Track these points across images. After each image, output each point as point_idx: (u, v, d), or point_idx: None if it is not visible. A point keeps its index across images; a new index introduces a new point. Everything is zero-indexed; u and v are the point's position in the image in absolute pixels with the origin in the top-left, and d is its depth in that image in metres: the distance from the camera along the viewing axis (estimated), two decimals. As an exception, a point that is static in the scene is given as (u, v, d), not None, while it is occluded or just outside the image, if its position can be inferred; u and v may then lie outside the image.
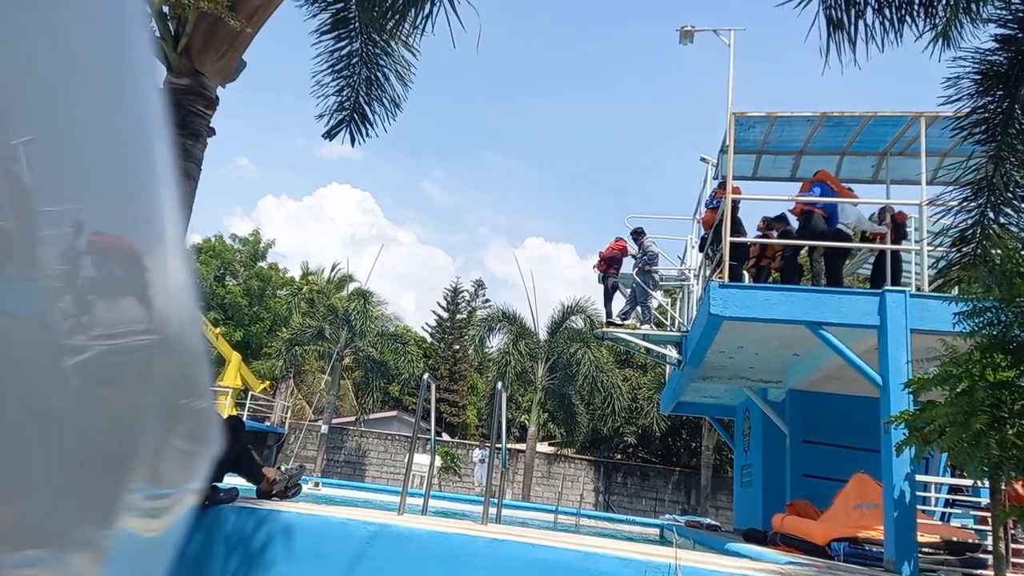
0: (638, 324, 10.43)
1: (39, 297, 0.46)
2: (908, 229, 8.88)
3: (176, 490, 0.73)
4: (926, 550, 6.11)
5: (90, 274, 0.52)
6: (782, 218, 9.42)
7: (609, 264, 11.26)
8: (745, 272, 9.27)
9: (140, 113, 0.61)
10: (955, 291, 6.48)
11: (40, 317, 0.46)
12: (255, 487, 4.97)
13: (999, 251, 5.17)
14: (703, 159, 10.78)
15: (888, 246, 8.43)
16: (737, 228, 8.54)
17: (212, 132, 4.89)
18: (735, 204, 8.47)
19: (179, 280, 0.67)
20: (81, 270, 0.51)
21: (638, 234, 10.79)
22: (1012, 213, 5.16)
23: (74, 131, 0.51)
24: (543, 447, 27.23)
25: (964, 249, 5.23)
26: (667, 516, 16.22)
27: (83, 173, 0.52)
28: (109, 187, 0.56)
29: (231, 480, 4.62)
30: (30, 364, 0.45)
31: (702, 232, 10.07)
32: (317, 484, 13.37)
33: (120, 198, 0.58)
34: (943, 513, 8.19)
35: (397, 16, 5.44)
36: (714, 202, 9.32)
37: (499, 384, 6.29)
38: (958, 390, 4.69)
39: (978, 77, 4.82)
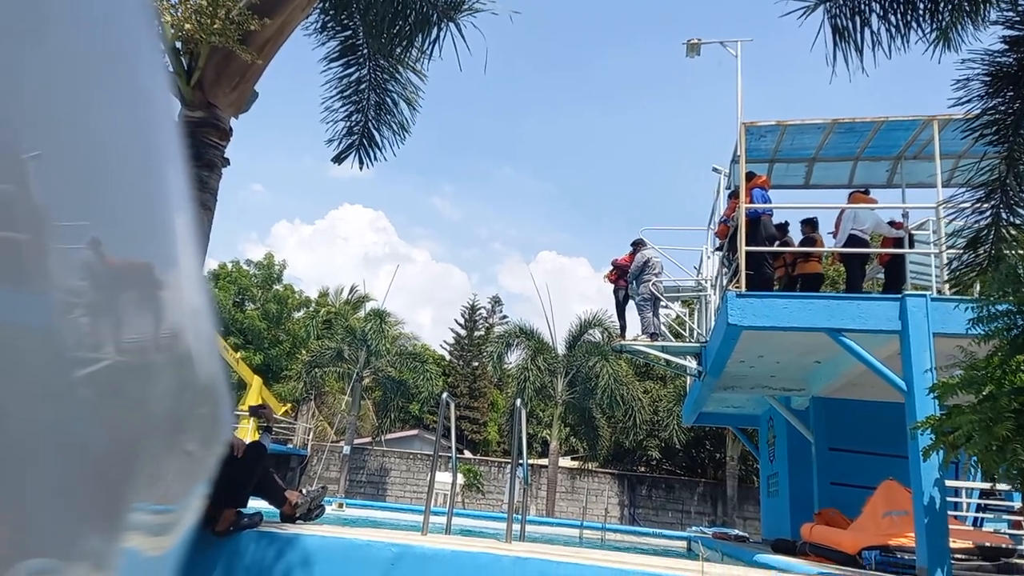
0: (638, 335, 10.36)
1: (48, 310, 0.47)
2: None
3: (181, 505, 0.74)
4: (959, 556, 6.00)
5: (101, 288, 0.53)
6: (808, 221, 9.41)
7: (620, 275, 11.22)
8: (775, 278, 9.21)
9: (154, 136, 0.63)
10: (976, 294, 6.41)
11: (48, 329, 0.47)
12: (278, 510, 5.00)
13: (1012, 253, 5.11)
14: (715, 169, 10.76)
15: (903, 251, 8.34)
16: (767, 229, 8.48)
17: (227, 162, 4.98)
18: (767, 199, 8.45)
19: (193, 298, 0.68)
20: (92, 285, 0.52)
21: (638, 244, 10.75)
22: None
23: (89, 151, 0.53)
24: (565, 462, 27.07)
25: (978, 251, 5.17)
26: (694, 528, 16.04)
27: (97, 191, 0.54)
28: (122, 205, 0.58)
29: (255, 503, 4.65)
30: (38, 375, 0.46)
31: (718, 242, 10.03)
32: (341, 505, 13.38)
33: (133, 216, 0.60)
34: (975, 518, 8.03)
35: (404, 42, 5.52)
36: (727, 219, 9.29)
37: (518, 400, 6.29)
38: (983, 395, 4.62)
39: (988, 79, 4.79)
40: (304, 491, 5.19)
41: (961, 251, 5.96)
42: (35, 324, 0.46)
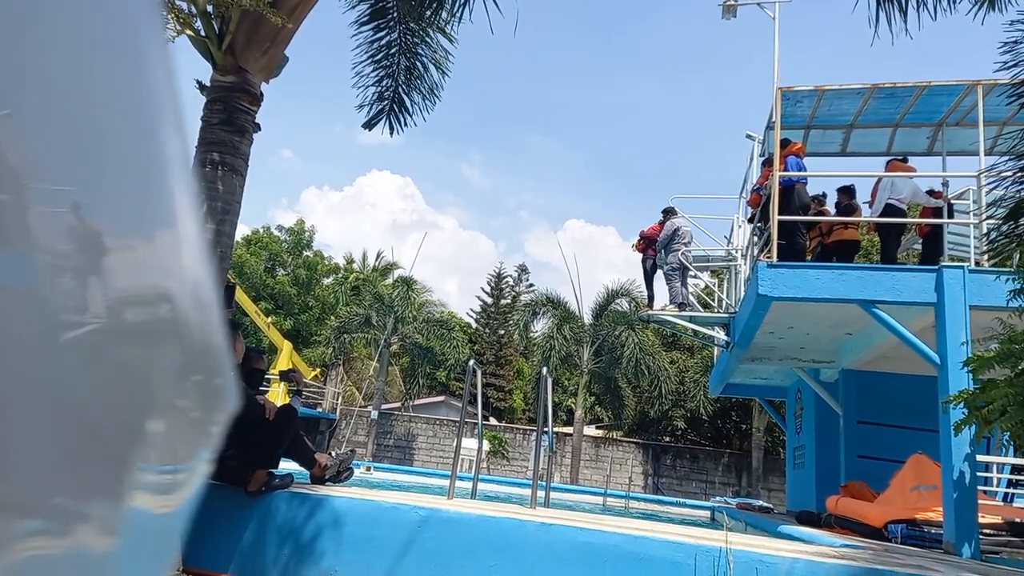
0: (666, 305, 10.27)
1: (36, 272, 0.47)
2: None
3: (187, 466, 0.75)
4: (987, 531, 5.94)
5: (90, 251, 0.53)
6: (845, 189, 9.20)
7: (648, 244, 11.12)
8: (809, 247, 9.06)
9: (150, 97, 0.62)
10: (1015, 266, 6.24)
11: (37, 292, 0.47)
12: (309, 472, 5.10)
13: None
14: (749, 136, 10.55)
15: (941, 220, 8.13)
16: (801, 198, 8.32)
17: (258, 128, 4.99)
18: (802, 167, 8.28)
19: (191, 264, 0.68)
20: (82, 248, 0.52)
21: (669, 213, 10.61)
22: None
23: (75, 111, 0.52)
24: (590, 430, 27.22)
25: (1019, 222, 5.00)
26: (718, 498, 16.08)
27: (84, 152, 0.53)
28: (113, 167, 0.57)
29: (286, 465, 4.75)
30: (29, 339, 0.46)
31: (749, 211, 9.87)
32: (369, 468, 13.63)
33: (125, 179, 0.59)
34: (1005, 494, 7.94)
35: (434, 4, 5.45)
36: (760, 188, 9.11)
37: (544, 369, 6.31)
38: (1019, 369, 4.52)
39: (1037, 41, 4.60)
40: (333, 454, 5.28)
41: (1000, 222, 5.79)
42: (21, 285, 0.45)
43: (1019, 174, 5.10)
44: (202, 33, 4.80)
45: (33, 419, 0.46)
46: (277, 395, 19.05)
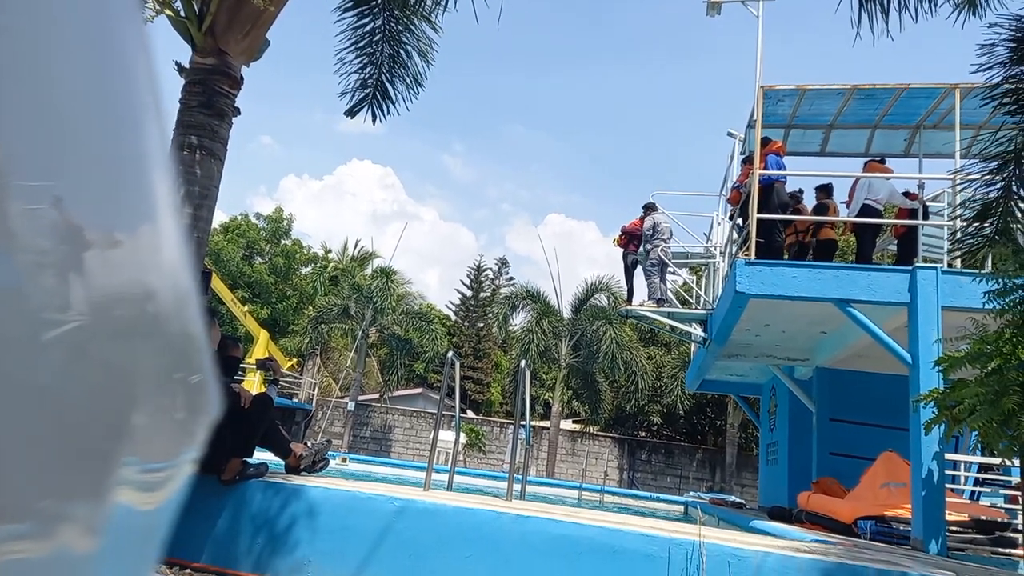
0: (644, 301, 10.32)
1: (15, 269, 0.45)
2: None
3: (171, 464, 0.74)
4: (954, 529, 6.06)
5: (71, 249, 0.51)
6: (823, 188, 9.30)
7: (629, 239, 11.15)
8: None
9: (127, 87, 0.60)
10: (988, 267, 6.35)
11: (16, 289, 0.46)
12: (284, 462, 5.06)
13: (1021, 227, 5.03)
14: (730, 134, 10.61)
15: (916, 222, 8.24)
16: (780, 196, 8.37)
17: (237, 112, 4.92)
18: (782, 166, 8.33)
19: (171, 258, 0.67)
20: (61, 244, 0.50)
21: (649, 208, 10.65)
22: None
23: (50, 104, 0.50)
24: (567, 424, 27.33)
25: (985, 223, 5.07)
26: (691, 493, 16.24)
27: (61, 148, 0.51)
28: (91, 163, 0.56)
29: (260, 455, 4.70)
30: (10, 338, 0.45)
31: (729, 209, 9.94)
32: (344, 460, 13.58)
33: (104, 174, 0.58)
34: (972, 492, 8.10)
35: (419, -8, 5.40)
36: (740, 185, 9.18)
37: (523, 362, 6.31)
38: (989, 369, 4.61)
39: (1013, 44, 4.65)
40: (309, 444, 5.25)
41: (967, 223, 5.88)
42: (1, 285, 0.44)
43: (987, 176, 5.18)
44: (182, 14, 4.72)
45: (14, 419, 0.45)
46: (253, 384, 18.89)
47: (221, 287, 22.08)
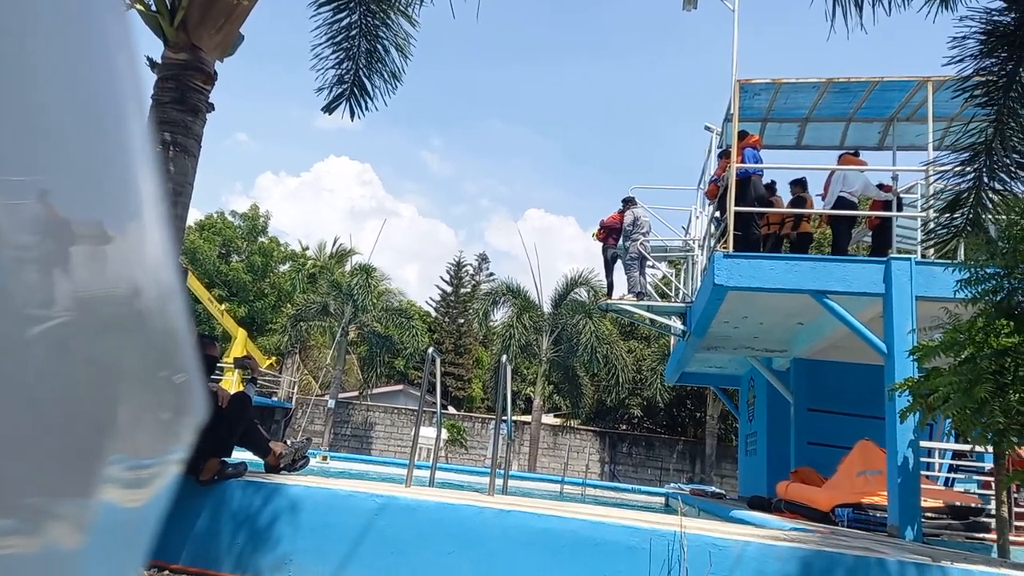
0: (624, 295, 10.38)
1: (1, 266, 0.45)
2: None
3: (157, 461, 0.73)
4: (929, 515, 6.16)
5: (56, 245, 0.51)
6: (798, 182, 9.41)
7: (608, 233, 11.20)
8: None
9: (111, 83, 0.59)
10: (960, 257, 6.45)
11: (2, 287, 0.45)
12: (263, 461, 5.02)
13: (991, 217, 5.11)
14: (707, 128, 10.68)
15: (889, 213, 8.36)
16: (756, 189, 8.43)
17: (211, 107, 4.85)
18: (758, 159, 8.40)
19: (155, 255, 0.66)
20: (45, 241, 0.50)
21: (628, 203, 10.70)
22: (1007, 179, 5.06)
23: (33, 99, 0.49)
24: (548, 419, 27.40)
25: (956, 214, 5.15)
26: (672, 485, 16.37)
27: (44, 143, 0.51)
28: (75, 159, 0.55)
29: (239, 455, 4.66)
30: None
31: (707, 203, 10.01)
32: (325, 458, 13.51)
33: (88, 170, 0.57)
34: (947, 478, 8.24)
35: (395, -14, 5.35)
36: (717, 179, 9.24)
37: (503, 357, 6.31)
38: (962, 357, 4.69)
39: (983, 37, 4.72)
40: (289, 442, 5.21)
41: (937, 213, 5.96)
42: None
43: (959, 168, 5.25)
44: (153, 8, 4.64)
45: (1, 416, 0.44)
46: (231, 384, 18.71)
47: (197, 285, 21.83)
